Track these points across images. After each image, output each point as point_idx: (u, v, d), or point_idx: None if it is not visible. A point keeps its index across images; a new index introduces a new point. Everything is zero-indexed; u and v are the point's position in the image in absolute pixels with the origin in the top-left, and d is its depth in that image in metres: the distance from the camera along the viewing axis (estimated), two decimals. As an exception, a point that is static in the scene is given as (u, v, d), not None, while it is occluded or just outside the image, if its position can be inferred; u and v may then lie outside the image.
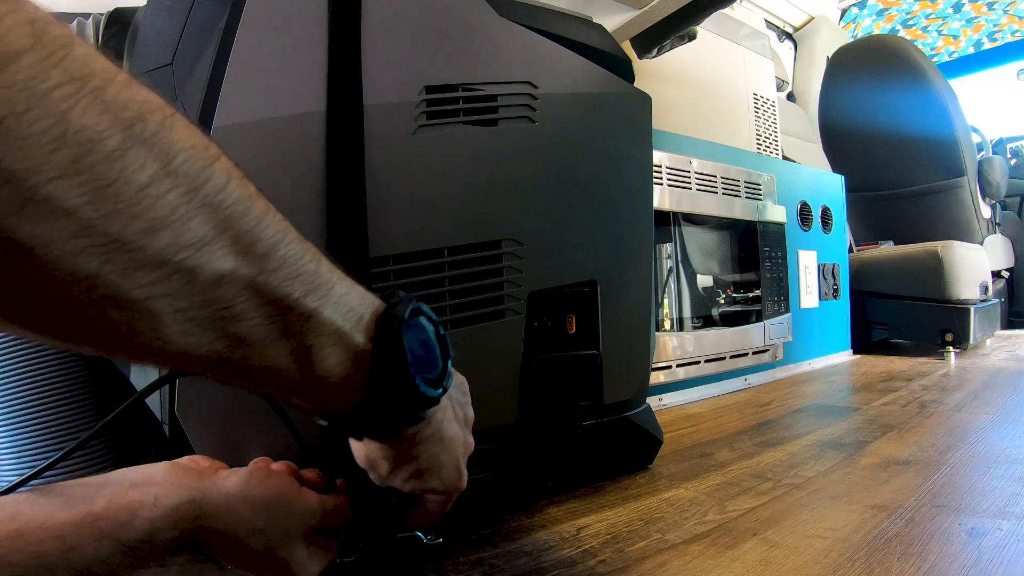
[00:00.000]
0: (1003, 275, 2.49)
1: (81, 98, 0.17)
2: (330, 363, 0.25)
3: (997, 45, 3.49)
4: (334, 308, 0.25)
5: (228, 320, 0.21)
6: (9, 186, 0.15)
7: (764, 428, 0.93)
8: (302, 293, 0.23)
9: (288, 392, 0.26)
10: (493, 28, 0.59)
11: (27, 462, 0.52)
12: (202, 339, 0.21)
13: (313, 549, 0.35)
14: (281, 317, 0.23)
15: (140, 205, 0.18)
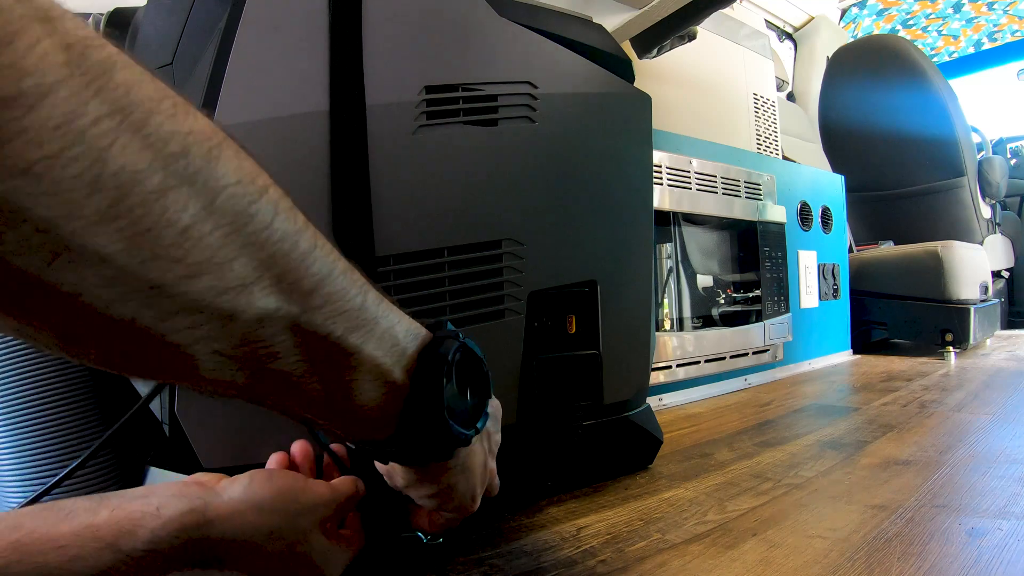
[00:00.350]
0: (1003, 275, 2.49)
1: (121, 133, 0.15)
2: (366, 396, 0.25)
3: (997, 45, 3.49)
4: (377, 343, 0.25)
5: (266, 359, 0.21)
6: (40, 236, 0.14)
7: (764, 428, 0.93)
8: (345, 330, 0.23)
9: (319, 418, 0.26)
10: (493, 28, 0.59)
11: (27, 463, 0.52)
12: (240, 375, 0.21)
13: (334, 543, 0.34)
14: (323, 354, 0.22)
15: (180, 249, 0.17)
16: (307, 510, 0.32)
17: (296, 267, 0.20)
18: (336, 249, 0.23)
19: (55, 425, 0.52)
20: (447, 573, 0.47)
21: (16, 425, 0.51)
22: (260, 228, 0.19)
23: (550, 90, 0.61)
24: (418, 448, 0.28)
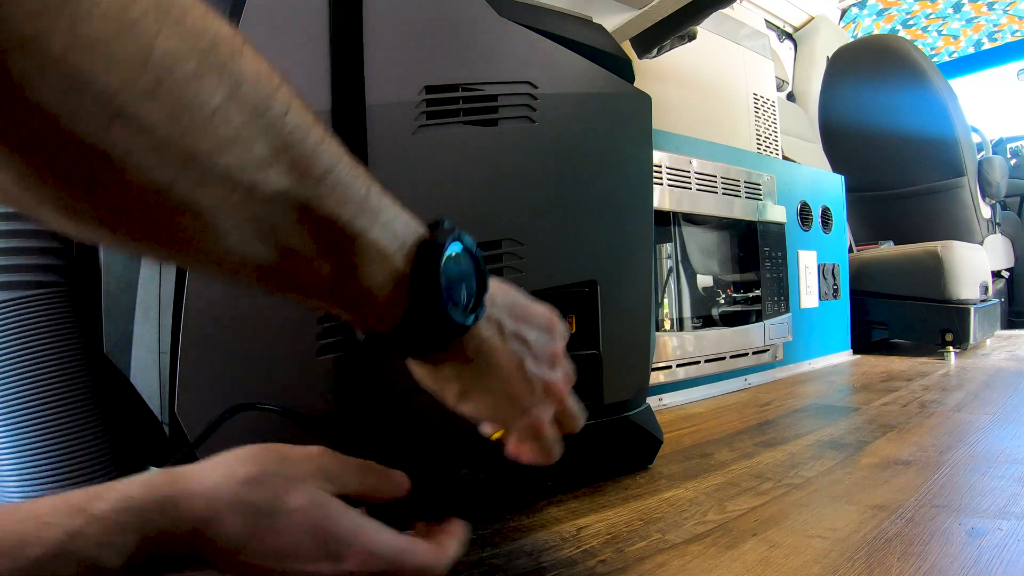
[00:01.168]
0: (1003, 275, 2.49)
1: (164, 25, 0.18)
2: (373, 282, 0.27)
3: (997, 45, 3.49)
4: (380, 230, 0.27)
5: (281, 233, 0.23)
6: (100, 103, 0.17)
7: (764, 428, 0.93)
8: (351, 215, 0.25)
9: (332, 304, 0.28)
10: (493, 28, 0.59)
11: (27, 462, 0.52)
12: (258, 248, 0.23)
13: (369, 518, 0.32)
14: (330, 235, 0.25)
15: (211, 126, 0.20)
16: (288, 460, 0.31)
17: (307, 155, 0.23)
18: (344, 148, 0.26)
19: (55, 425, 0.52)
20: (447, 573, 0.47)
21: (16, 425, 0.51)
22: (276, 117, 0.22)
23: (550, 90, 0.61)
24: (420, 337, 0.29)
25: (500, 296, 0.34)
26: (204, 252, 0.23)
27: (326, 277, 0.26)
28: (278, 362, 0.48)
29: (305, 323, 0.49)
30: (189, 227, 0.21)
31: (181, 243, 0.22)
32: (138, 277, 0.48)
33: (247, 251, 0.23)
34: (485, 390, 0.34)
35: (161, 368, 0.47)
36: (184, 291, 0.45)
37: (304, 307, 0.28)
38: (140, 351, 0.48)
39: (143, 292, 0.48)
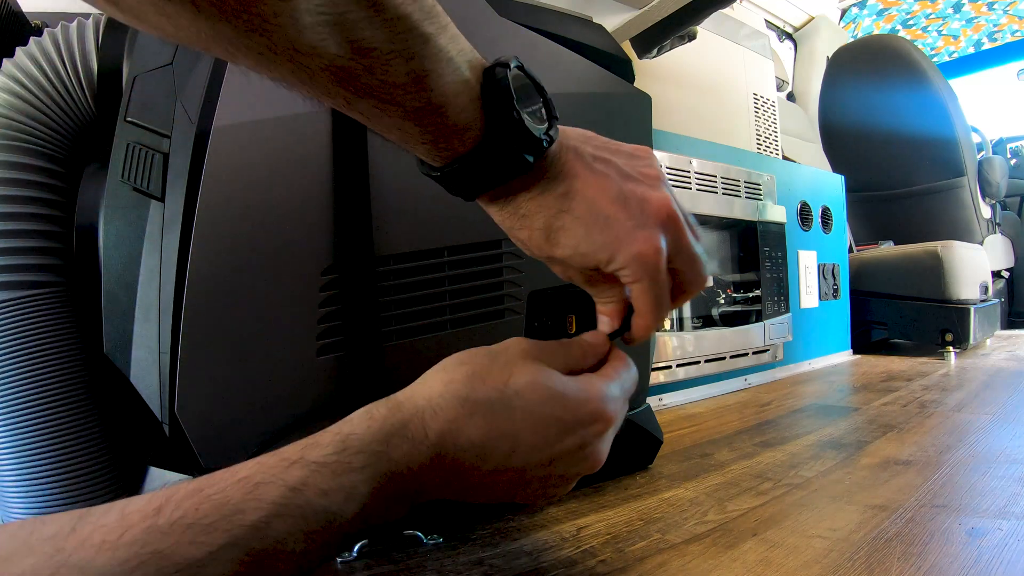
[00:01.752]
0: (1003, 275, 2.49)
1: None
2: (445, 92, 0.27)
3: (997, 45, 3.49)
4: (448, 40, 0.27)
5: (352, 26, 0.23)
6: None
7: (764, 428, 0.93)
8: (420, 17, 0.25)
9: (408, 126, 0.27)
10: (493, 28, 0.59)
11: (27, 462, 0.52)
12: (330, 41, 0.23)
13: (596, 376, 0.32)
14: (401, 34, 0.25)
15: None
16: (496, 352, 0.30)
17: None
18: None
19: (55, 425, 0.52)
20: (447, 573, 0.47)
21: (16, 425, 0.51)
22: None
23: (550, 90, 0.60)
24: (499, 151, 0.29)
25: (574, 132, 0.33)
26: (279, 37, 0.23)
27: (399, 79, 0.26)
28: (278, 362, 0.48)
29: (305, 323, 0.49)
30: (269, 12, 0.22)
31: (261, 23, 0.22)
32: (138, 277, 0.48)
33: (320, 43, 0.23)
34: (575, 220, 0.30)
35: (161, 368, 0.47)
36: (184, 291, 0.45)
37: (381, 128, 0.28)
38: (140, 351, 0.48)
39: (143, 292, 0.48)
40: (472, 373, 0.29)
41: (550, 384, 0.29)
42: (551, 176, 0.31)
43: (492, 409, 0.28)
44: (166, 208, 0.47)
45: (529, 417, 0.28)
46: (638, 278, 0.31)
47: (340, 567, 0.48)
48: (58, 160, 0.57)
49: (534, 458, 0.29)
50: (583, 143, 0.33)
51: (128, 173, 0.49)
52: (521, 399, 0.28)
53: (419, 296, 0.54)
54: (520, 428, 0.28)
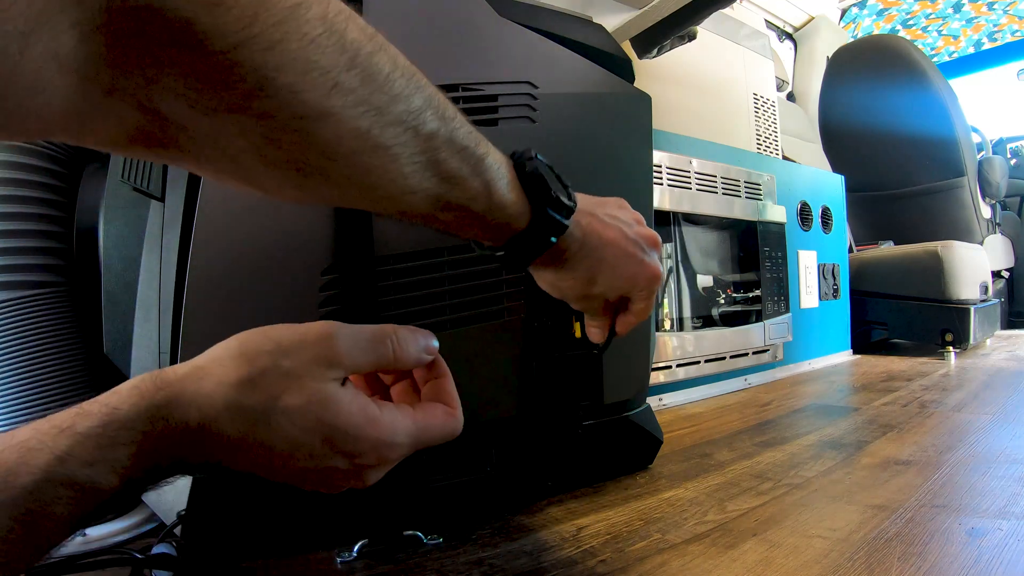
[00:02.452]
0: (1003, 275, 2.49)
1: (349, 21, 0.26)
2: (502, 192, 0.34)
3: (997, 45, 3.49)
4: (493, 153, 0.34)
5: (439, 163, 0.31)
6: (322, 76, 0.25)
7: (764, 428, 0.93)
8: (475, 144, 0.33)
9: (478, 224, 0.35)
10: (493, 28, 0.59)
11: (27, 462, 0.52)
12: (427, 175, 0.30)
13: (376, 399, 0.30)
14: (468, 160, 0.32)
15: (386, 86, 0.27)
16: (287, 349, 0.28)
17: (442, 105, 0.31)
18: None
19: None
20: (447, 573, 0.47)
21: (14, 420, 0.51)
22: (420, 80, 0.30)
23: (550, 90, 0.61)
24: (545, 224, 0.37)
25: (581, 199, 0.41)
26: (394, 186, 0.30)
27: (475, 192, 0.33)
28: (278, 362, 0.48)
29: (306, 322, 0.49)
30: (382, 162, 0.28)
31: (377, 179, 0.29)
32: (138, 277, 0.48)
33: (422, 182, 0.30)
34: (608, 263, 0.41)
35: (161, 368, 0.47)
36: (184, 291, 0.45)
37: (458, 229, 0.35)
38: (140, 351, 0.48)
39: (143, 292, 0.48)
40: (245, 379, 0.28)
41: (322, 415, 0.28)
42: (582, 236, 0.40)
43: (253, 417, 0.28)
44: (166, 208, 0.47)
45: (287, 436, 0.28)
46: (650, 294, 0.44)
47: (340, 567, 0.48)
48: (58, 160, 0.57)
49: (301, 464, 0.29)
50: (593, 207, 0.42)
51: (128, 173, 0.49)
52: (286, 418, 0.28)
53: (419, 296, 0.54)
54: (276, 442, 0.28)
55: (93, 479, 0.26)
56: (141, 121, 0.24)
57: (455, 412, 0.33)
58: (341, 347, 0.29)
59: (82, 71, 0.21)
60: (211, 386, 0.28)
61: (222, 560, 0.48)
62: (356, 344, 0.30)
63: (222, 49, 0.22)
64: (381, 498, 0.52)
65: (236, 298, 0.47)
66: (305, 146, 0.27)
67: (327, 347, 0.29)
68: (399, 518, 0.53)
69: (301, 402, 0.28)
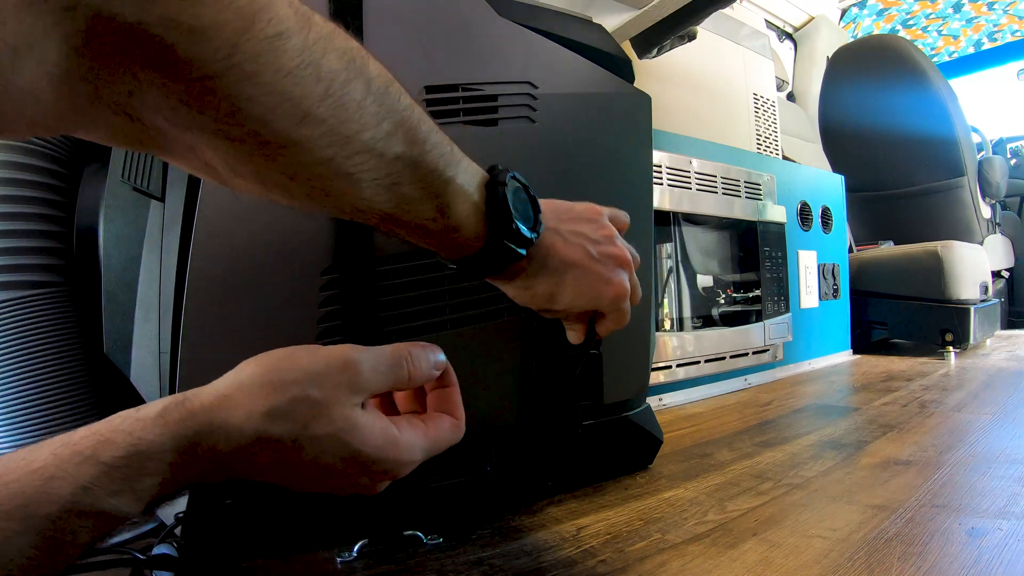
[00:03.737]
0: (1003, 275, 2.49)
1: (327, 49, 0.26)
2: (460, 215, 0.34)
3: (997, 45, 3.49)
4: (463, 175, 0.34)
5: (400, 185, 0.31)
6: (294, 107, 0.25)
7: (764, 428, 0.93)
8: (443, 166, 0.33)
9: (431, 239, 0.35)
10: (493, 28, 0.59)
11: (27, 462, 0.52)
12: (383, 197, 0.31)
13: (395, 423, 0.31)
14: (432, 183, 0.32)
15: (357, 114, 0.28)
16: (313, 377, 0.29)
17: (414, 127, 0.30)
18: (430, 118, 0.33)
19: (55, 425, 0.52)
20: (447, 573, 0.47)
21: (16, 425, 0.51)
22: (394, 102, 0.29)
23: (550, 90, 0.61)
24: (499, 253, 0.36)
25: (548, 211, 0.41)
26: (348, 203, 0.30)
27: (429, 215, 0.33)
28: (278, 362, 0.48)
29: (305, 323, 0.49)
30: (340, 186, 0.29)
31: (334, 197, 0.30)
32: (138, 277, 0.48)
33: (376, 200, 0.31)
34: (569, 283, 0.41)
35: (161, 368, 0.47)
36: (184, 291, 0.45)
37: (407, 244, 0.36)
38: (140, 351, 0.48)
39: (143, 292, 0.48)
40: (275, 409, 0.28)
41: (349, 441, 0.29)
42: (542, 257, 0.39)
43: (283, 447, 0.28)
44: (166, 208, 0.47)
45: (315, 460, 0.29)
46: (614, 310, 0.43)
47: (340, 567, 0.49)
48: (59, 160, 0.57)
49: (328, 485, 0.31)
50: (558, 222, 0.41)
51: (128, 173, 0.49)
52: (315, 444, 0.29)
53: (419, 296, 0.54)
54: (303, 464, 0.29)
55: (118, 507, 0.26)
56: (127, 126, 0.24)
57: (460, 423, 0.35)
58: (364, 373, 0.30)
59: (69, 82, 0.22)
60: (240, 417, 0.28)
61: (222, 560, 0.48)
62: (376, 369, 0.31)
63: (199, 77, 0.23)
64: (381, 498, 0.52)
65: (236, 298, 0.47)
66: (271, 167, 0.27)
67: (352, 374, 0.30)
68: (399, 518, 0.53)
69: (331, 430, 0.29)
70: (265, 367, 0.30)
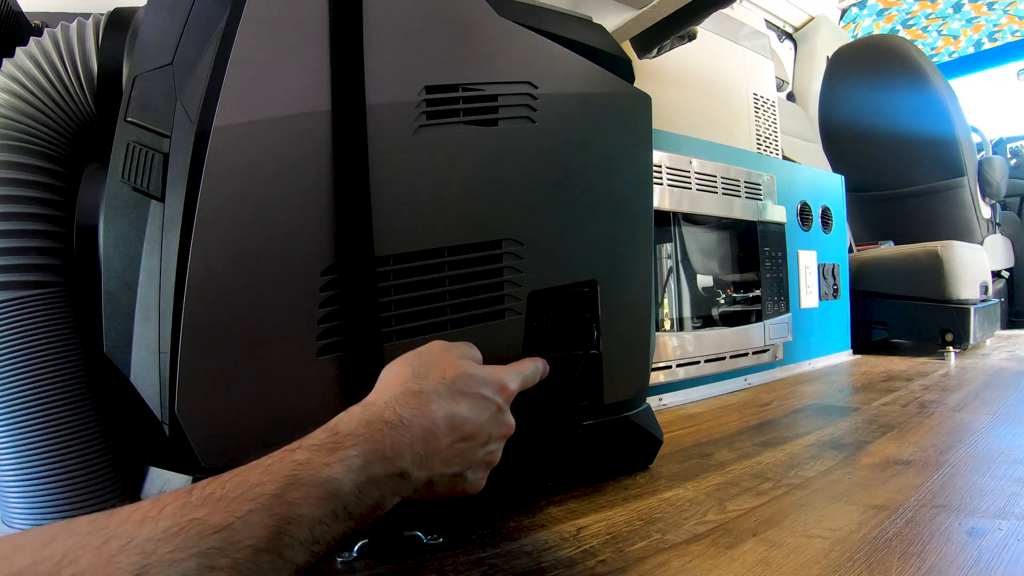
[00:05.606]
0: (1003, 275, 2.49)
1: None
2: None
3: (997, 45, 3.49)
4: None
5: None
6: None
7: (764, 428, 0.93)
8: None
9: None
10: (493, 28, 0.59)
11: (27, 461, 0.52)
12: None
13: None
14: None
15: None
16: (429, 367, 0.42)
17: None
18: None
19: (55, 425, 0.52)
20: (447, 573, 0.47)
21: (16, 425, 0.51)
22: None
23: (550, 90, 0.61)
24: None
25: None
26: None
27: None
28: (278, 362, 0.48)
29: (305, 323, 0.49)
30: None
31: None
32: (138, 277, 0.48)
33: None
34: None
35: (161, 368, 0.47)
36: (184, 291, 0.45)
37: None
38: (140, 351, 0.48)
39: (143, 292, 0.48)
40: (416, 373, 0.41)
41: (471, 372, 0.43)
42: None
43: (439, 395, 0.40)
44: (166, 208, 0.47)
45: (463, 395, 0.41)
46: None
47: (340, 567, 0.49)
48: (58, 160, 0.57)
49: (474, 425, 0.41)
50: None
51: (128, 173, 0.49)
52: (457, 385, 0.41)
53: (419, 296, 0.54)
54: (460, 403, 0.41)
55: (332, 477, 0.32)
56: None
57: (529, 359, 0.52)
58: (456, 349, 0.46)
59: None
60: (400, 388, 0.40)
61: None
62: (460, 348, 0.47)
63: None
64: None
65: (236, 298, 0.47)
66: None
67: (449, 349, 0.46)
68: (399, 518, 0.53)
69: (457, 372, 0.42)
70: (392, 366, 0.44)
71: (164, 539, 0.25)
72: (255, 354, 0.47)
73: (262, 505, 0.28)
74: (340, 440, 0.34)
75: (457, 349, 0.45)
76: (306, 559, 0.30)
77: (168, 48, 0.50)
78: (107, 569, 0.23)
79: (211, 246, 0.46)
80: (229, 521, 0.27)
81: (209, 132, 0.46)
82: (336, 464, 0.32)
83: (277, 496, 0.29)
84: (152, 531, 0.25)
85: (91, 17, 0.59)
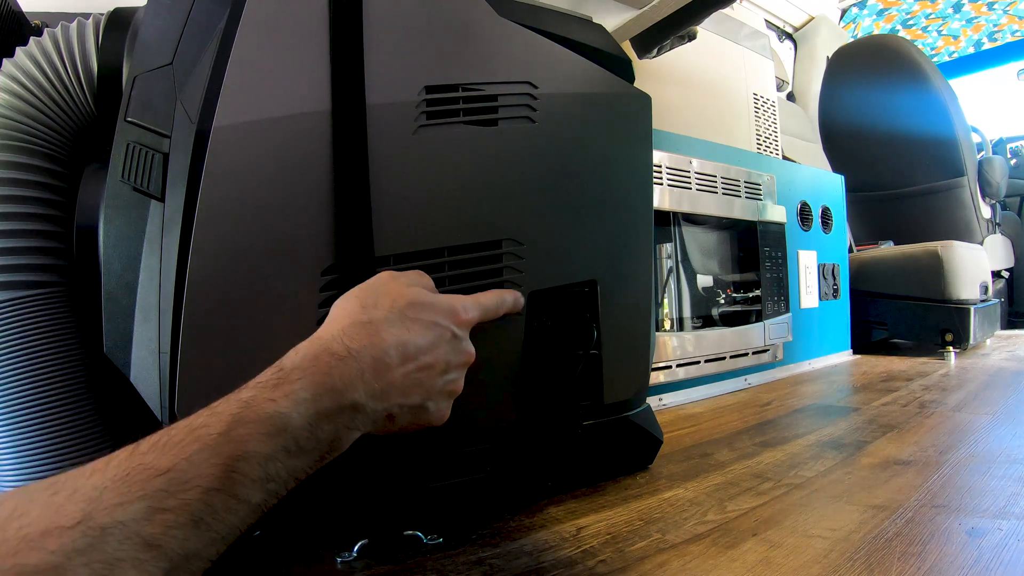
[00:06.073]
0: (1003, 275, 2.49)
1: None
2: None
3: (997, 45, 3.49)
4: None
5: None
6: None
7: (764, 428, 0.93)
8: None
9: None
10: (493, 28, 0.59)
11: (27, 462, 0.52)
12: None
13: None
14: None
15: None
16: None
17: None
18: None
19: (55, 425, 0.52)
20: (447, 573, 0.47)
21: (16, 425, 0.51)
22: None
23: (550, 90, 0.61)
24: None
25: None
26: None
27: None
28: (278, 362, 0.48)
29: (305, 323, 0.49)
30: None
31: None
32: (138, 277, 0.48)
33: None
34: None
35: (161, 368, 0.47)
36: (184, 291, 0.45)
37: None
38: (140, 351, 0.48)
39: (143, 292, 0.48)
40: (364, 304, 0.40)
41: (421, 298, 0.42)
42: None
43: (389, 323, 0.39)
44: (166, 208, 0.47)
45: (414, 323, 0.41)
46: None
47: (340, 567, 0.49)
48: (58, 160, 0.57)
49: (428, 353, 0.40)
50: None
51: (128, 173, 0.49)
52: (408, 313, 0.41)
53: (419, 296, 0.54)
54: (411, 330, 0.40)
55: (279, 411, 0.32)
56: None
57: (497, 292, 0.51)
58: (406, 278, 0.46)
59: None
60: (348, 320, 0.40)
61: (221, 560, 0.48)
62: (411, 276, 0.47)
63: None
64: (381, 498, 0.52)
65: (236, 298, 0.47)
66: None
67: (399, 278, 0.46)
68: (399, 518, 0.53)
69: (408, 300, 0.42)
70: (341, 300, 0.43)
71: (110, 486, 0.26)
72: (255, 354, 0.47)
73: (207, 445, 0.28)
74: (286, 375, 0.34)
75: (406, 277, 0.45)
76: (263, 497, 0.31)
77: (168, 48, 0.50)
78: (54, 518, 0.24)
79: (211, 246, 0.46)
80: (174, 463, 0.27)
81: (209, 132, 0.46)
82: (282, 399, 0.32)
83: (223, 435, 0.29)
84: (100, 480, 0.26)
85: (91, 17, 0.59)
